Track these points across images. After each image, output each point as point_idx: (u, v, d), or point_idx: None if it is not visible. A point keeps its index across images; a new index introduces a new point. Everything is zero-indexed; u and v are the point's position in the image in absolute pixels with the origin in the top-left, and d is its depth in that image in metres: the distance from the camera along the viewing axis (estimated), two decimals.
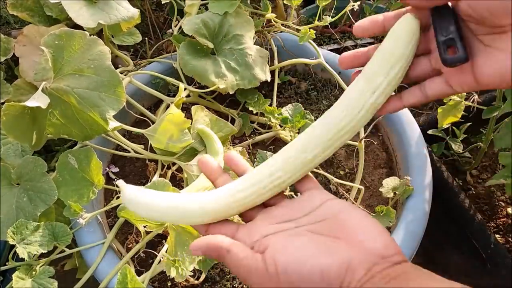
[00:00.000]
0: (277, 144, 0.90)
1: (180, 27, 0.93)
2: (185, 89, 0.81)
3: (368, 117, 0.40)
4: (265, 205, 0.43)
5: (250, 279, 0.36)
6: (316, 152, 0.40)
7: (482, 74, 0.36)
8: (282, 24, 0.94)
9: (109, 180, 0.86)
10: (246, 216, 0.43)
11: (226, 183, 0.43)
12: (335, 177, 0.79)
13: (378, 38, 1.20)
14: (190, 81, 0.87)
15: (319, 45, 1.19)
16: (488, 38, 0.36)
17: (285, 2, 0.90)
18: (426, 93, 0.40)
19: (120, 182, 0.41)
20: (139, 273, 0.71)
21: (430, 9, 0.38)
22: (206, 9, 0.88)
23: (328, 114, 0.41)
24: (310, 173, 0.44)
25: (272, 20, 0.94)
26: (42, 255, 0.63)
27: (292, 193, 0.66)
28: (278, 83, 0.94)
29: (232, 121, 0.89)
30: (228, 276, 0.74)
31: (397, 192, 0.73)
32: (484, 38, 0.36)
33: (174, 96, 0.85)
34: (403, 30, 0.39)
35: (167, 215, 0.40)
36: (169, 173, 0.83)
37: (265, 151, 0.83)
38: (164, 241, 0.75)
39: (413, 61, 0.40)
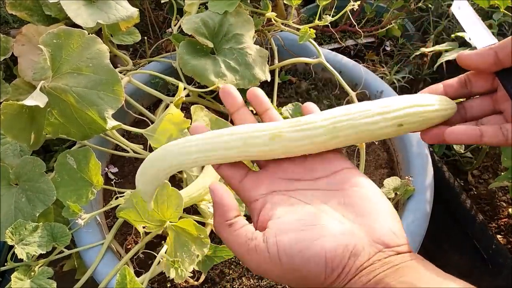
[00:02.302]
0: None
1: (180, 26, 0.92)
2: (184, 88, 0.81)
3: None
4: None
5: (248, 257, 0.34)
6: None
7: None
8: (282, 23, 0.94)
9: (108, 181, 0.86)
10: (259, 161, 0.42)
11: (245, 117, 0.42)
12: None
13: (379, 37, 1.20)
14: (189, 80, 0.86)
15: (320, 44, 1.19)
16: None
17: (285, 1, 0.89)
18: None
19: None
20: (138, 274, 0.70)
21: (495, 72, 0.38)
22: (206, 8, 0.88)
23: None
24: None
25: (272, 19, 0.93)
26: (41, 256, 0.63)
27: None
28: (278, 83, 0.93)
29: (232, 121, 0.89)
30: (228, 277, 0.73)
31: (398, 193, 0.73)
32: None
33: (173, 95, 0.85)
34: None
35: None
36: None
37: None
38: (163, 242, 0.74)
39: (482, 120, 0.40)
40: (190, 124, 0.71)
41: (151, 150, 0.74)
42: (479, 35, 0.42)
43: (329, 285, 0.32)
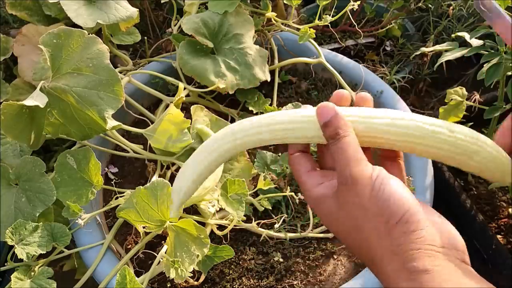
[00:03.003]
0: (277, 144, 0.90)
1: (180, 26, 0.92)
2: (184, 88, 0.81)
3: None
4: None
5: (347, 168, 0.37)
6: None
7: None
8: (282, 23, 0.94)
9: (108, 181, 0.86)
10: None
11: None
12: None
13: (379, 37, 1.20)
14: (189, 80, 0.86)
15: (320, 44, 1.18)
16: None
17: (285, 1, 0.89)
18: None
19: None
20: (138, 274, 0.70)
21: None
22: (206, 8, 0.88)
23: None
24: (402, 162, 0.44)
25: (272, 19, 0.93)
26: (41, 256, 0.63)
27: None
28: (278, 83, 0.93)
29: (232, 121, 0.89)
30: (228, 277, 0.73)
31: None
32: None
33: (173, 95, 0.85)
34: None
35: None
36: (169, 173, 0.82)
37: (265, 151, 0.83)
38: (163, 242, 0.74)
39: None
40: (190, 124, 0.71)
41: (151, 150, 0.74)
42: (504, 26, 0.42)
43: (397, 234, 0.34)
